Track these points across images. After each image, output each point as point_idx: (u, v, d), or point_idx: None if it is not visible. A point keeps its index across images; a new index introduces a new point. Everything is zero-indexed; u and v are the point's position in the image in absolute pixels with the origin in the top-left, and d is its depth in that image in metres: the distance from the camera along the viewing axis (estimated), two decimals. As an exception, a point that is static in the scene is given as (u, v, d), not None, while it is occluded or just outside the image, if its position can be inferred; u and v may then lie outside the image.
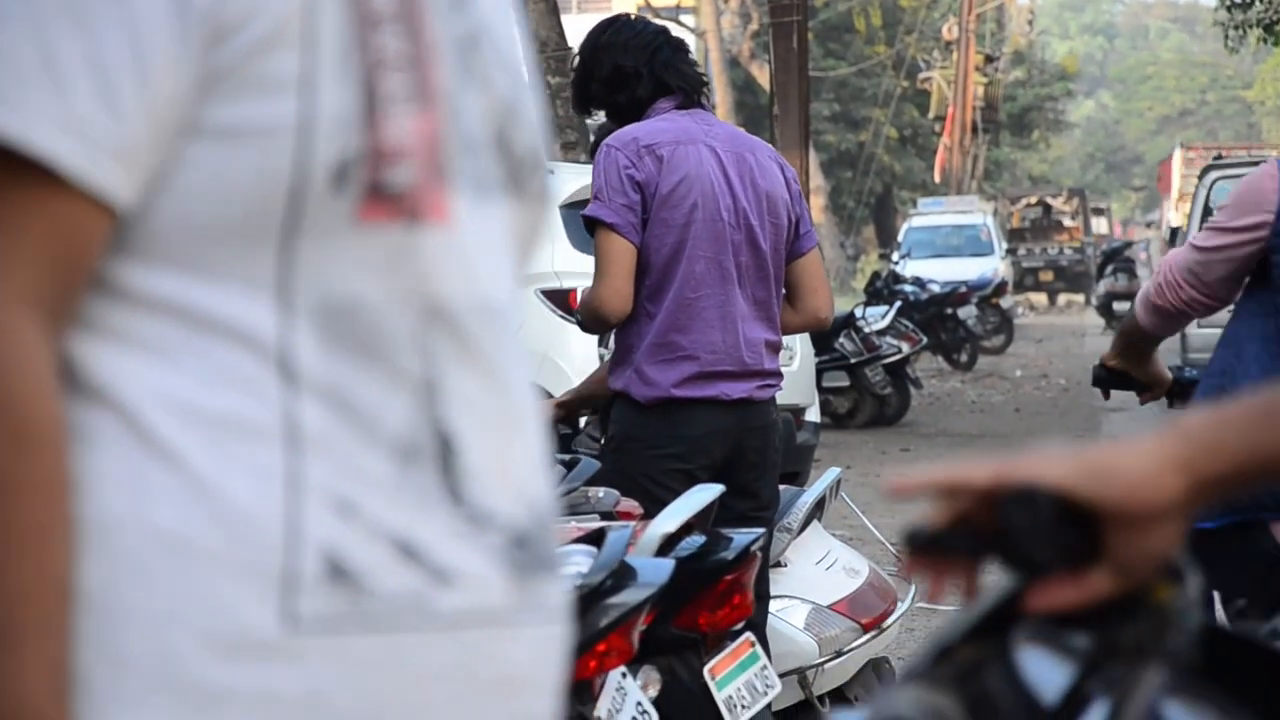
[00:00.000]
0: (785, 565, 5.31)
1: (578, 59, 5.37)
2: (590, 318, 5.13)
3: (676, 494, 4.76)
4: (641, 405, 5.10)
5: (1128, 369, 4.34)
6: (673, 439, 5.09)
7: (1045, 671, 1.23)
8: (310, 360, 1.37)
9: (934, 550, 1.29)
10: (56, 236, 1.31)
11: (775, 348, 5.26)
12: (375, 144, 1.37)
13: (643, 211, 5.07)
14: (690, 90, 5.25)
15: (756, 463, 5.17)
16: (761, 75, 38.92)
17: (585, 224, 5.10)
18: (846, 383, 18.43)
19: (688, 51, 5.37)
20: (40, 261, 1.31)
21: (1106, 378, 4.41)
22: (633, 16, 5.43)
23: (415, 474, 1.40)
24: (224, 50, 1.34)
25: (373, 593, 1.38)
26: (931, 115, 47.62)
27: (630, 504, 4.91)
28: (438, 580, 1.40)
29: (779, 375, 5.29)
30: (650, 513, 4.45)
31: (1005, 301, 29.51)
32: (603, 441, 5.27)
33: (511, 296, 1.48)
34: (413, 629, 1.39)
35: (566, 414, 5.49)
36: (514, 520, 1.45)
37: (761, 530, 4.62)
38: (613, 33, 5.30)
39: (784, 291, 5.31)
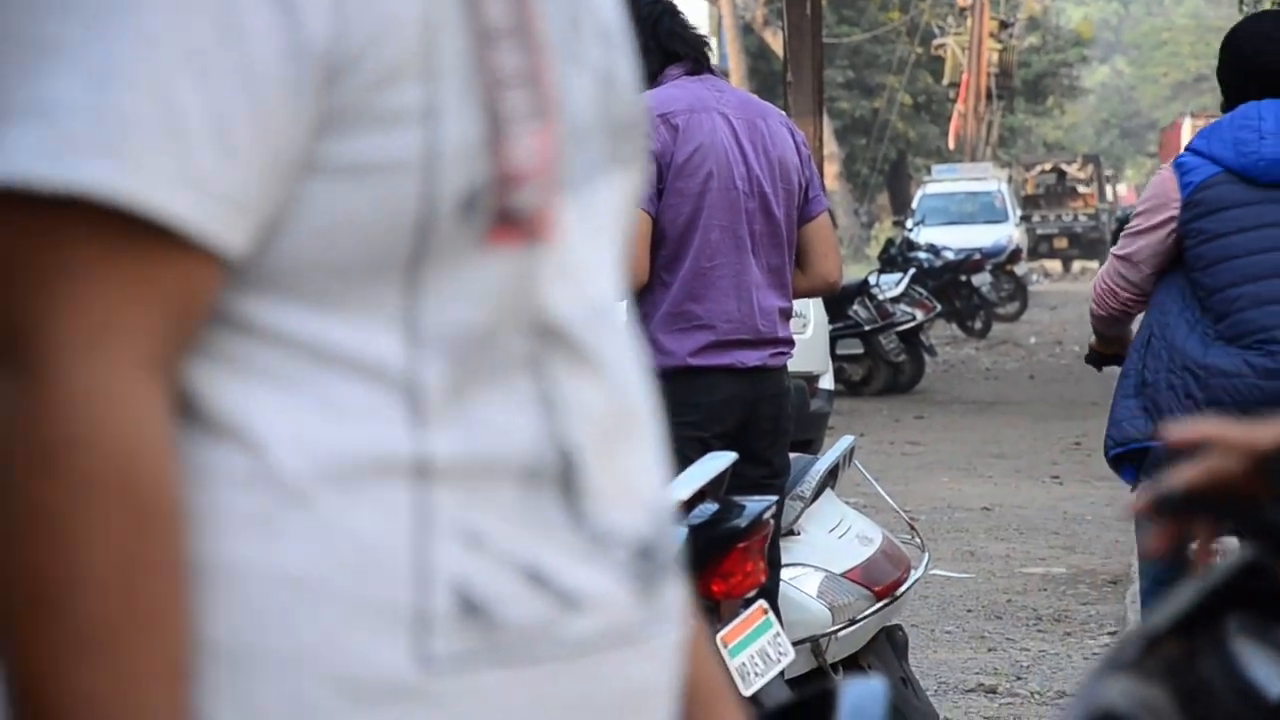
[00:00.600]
0: (798, 533, 5.32)
1: None
2: None
3: (691, 462, 4.77)
4: (656, 374, 5.10)
5: (1114, 350, 5.40)
6: (688, 407, 5.09)
7: (1261, 666, 1.18)
8: (436, 389, 1.33)
9: (1180, 512, 1.23)
10: (174, 295, 1.26)
11: (788, 314, 5.27)
12: (502, 169, 1.31)
13: (658, 181, 5.06)
14: (698, 55, 5.24)
15: (769, 430, 5.18)
16: (775, 42, 38.81)
17: None
18: (860, 350, 18.41)
19: (682, 14, 5.35)
20: (158, 323, 1.26)
21: (1098, 359, 5.55)
22: None
23: (539, 497, 1.35)
24: (342, 86, 1.29)
25: (504, 625, 1.33)
26: (946, 82, 47.53)
27: (643, 472, 4.91)
28: (566, 605, 1.35)
29: (792, 343, 5.29)
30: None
31: (1020, 268, 29.49)
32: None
33: (617, 279, 1.44)
34: (544, 659, 1.35)
35: None
36: (636, 532, 1.40)
37: (774, 498, 4.63)
38: None
39: (794, 255, 5.32)
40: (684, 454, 4.98)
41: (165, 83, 1.24)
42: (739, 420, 5.13)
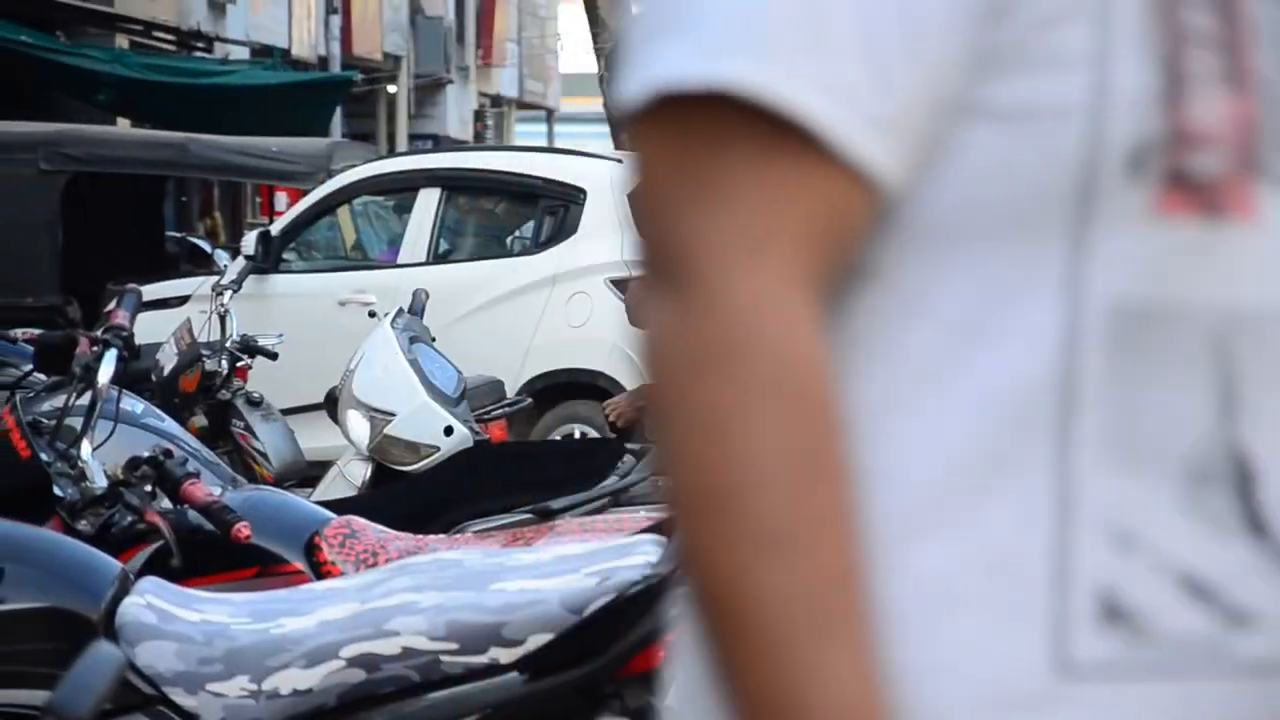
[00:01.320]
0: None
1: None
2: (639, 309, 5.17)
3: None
4: None
5: None
6: None
7: None
8: (1092, 373, 1.24)
9: None
10: (823, 209, 1.21)
11: None
12: (1177, 127, 1.23)
13: None
14: None
15: None
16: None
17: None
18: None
19: None
20: (809, 237, 1.22)
21: None
22: None
23: (1206, 501, 1.25)
24: (1006, 22, 1.23)
25: (1154, 635, 1.24)
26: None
27: (699, 494, 4.91)
28: (1233, 622, 1.25)
29: None
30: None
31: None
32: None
33: None
34: (1204, 676, 1.25)
35: (624, 424, 5.50)
36: None
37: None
38: None
39: None
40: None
41: None
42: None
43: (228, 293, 10.26)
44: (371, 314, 7.96)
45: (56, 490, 4.39)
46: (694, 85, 1.20)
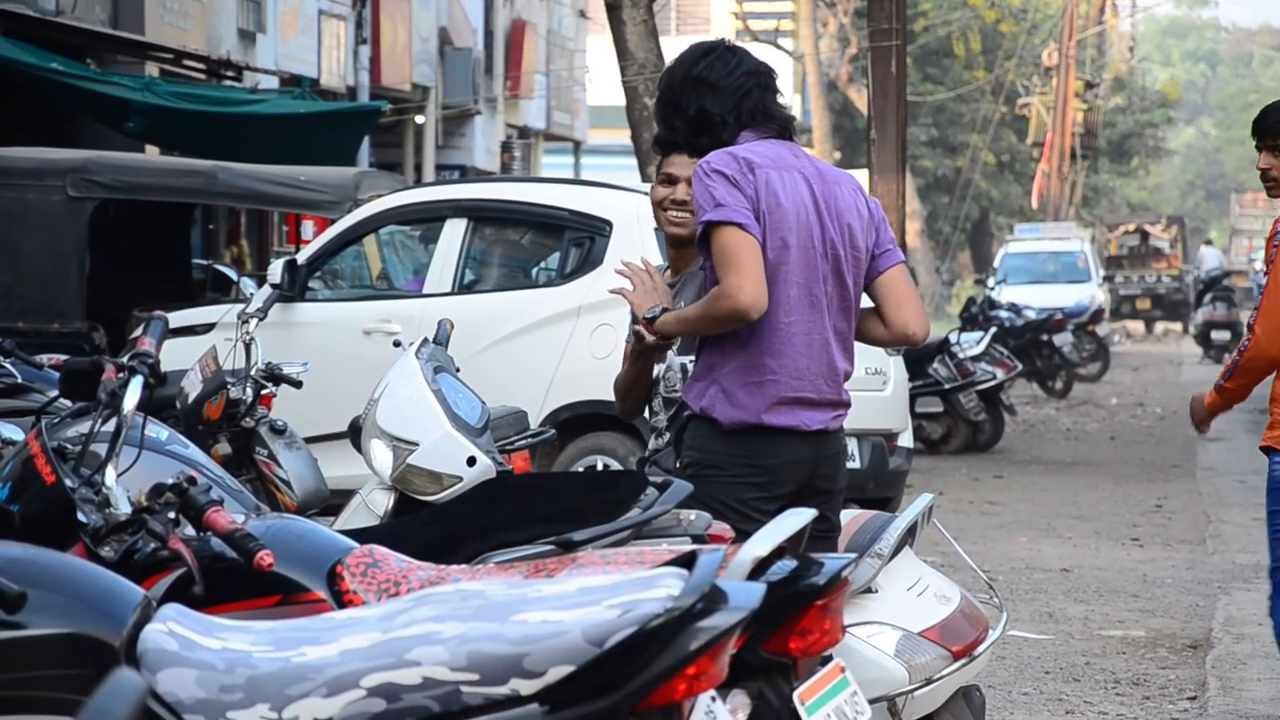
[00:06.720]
0: (876, 591, 5.29)
1: (665, 86, 5.31)
2: (725, 315, 5.04)
3: (752, 520, 4.77)
4: (723, 430, 5.11)
5: None
6: (753, 468, 5.11)
7: None
8: None
9: None
10: None
11: (849, 377, 5.28)
12: None
13: (757, 219, 5.07)
14: (781, 129, 5.27)
15: (826, 489, 5.23)
16: (859, 99, 38.81)
17: (705, 231, 5.06)
18: (940, 408, 18.37)
19: (777, 90, 5.32)
20: None
21: None
22: (727, 45, 5.36)
23: None
24: None
25: None
26: (1030, 141, 47.40)
27: (721, 527, 4.91)
28: None
29: (849, 404, 5.29)
30: (740, 536, 4.44)
31: (1102, 329, 29.34)
32: (678, 466, 5.28)
33: None
34: None
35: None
36: None
37: (853, 555, 4.61)
38: (705, 67, 5.24)
39: (875, 306, 5.32)
40: (744, 512, 5.00)
41: None
42: (800, 481, 5.16)
43: (253, 321, 10.29)
44: (396, 343, 7.95)
45: (80, 516, 4.39)
46: None
